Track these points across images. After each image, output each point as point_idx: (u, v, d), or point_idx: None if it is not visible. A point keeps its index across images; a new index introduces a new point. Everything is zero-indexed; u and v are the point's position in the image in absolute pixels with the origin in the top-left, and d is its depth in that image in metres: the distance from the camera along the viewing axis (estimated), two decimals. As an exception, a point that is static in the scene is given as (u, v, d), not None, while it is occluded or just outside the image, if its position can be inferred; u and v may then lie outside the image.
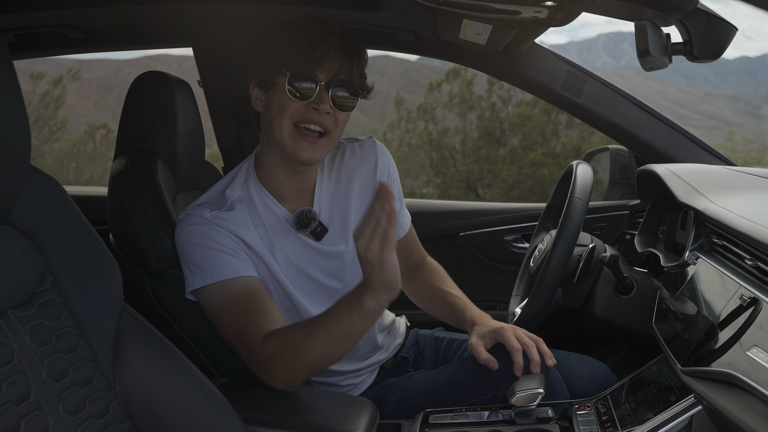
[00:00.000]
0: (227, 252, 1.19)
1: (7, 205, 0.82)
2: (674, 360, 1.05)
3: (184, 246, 1.21)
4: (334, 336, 1.06)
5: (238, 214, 1.23)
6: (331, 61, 1.20)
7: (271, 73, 1.21)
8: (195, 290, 1.20)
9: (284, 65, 1.19)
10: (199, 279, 1.18)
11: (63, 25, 1.68)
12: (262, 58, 1.23)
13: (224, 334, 1.19)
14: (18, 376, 0.77)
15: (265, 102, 1.25)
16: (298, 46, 1.19)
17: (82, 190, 2.60)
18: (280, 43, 1.20)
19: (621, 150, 1.99)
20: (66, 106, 11.60)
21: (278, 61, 1.20)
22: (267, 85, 1.23)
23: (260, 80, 1.24)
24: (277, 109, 1.21)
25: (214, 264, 1.17)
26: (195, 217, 1.21)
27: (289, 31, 1.21)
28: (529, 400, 1.13)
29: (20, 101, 0.78)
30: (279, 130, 1.21)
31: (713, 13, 1.12)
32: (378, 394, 1.37)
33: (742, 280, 0.97)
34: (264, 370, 1.12)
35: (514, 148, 9.70)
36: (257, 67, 1.24)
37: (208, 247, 1.18)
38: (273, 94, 1.22)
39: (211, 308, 1.19)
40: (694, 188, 1.24)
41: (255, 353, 1.12)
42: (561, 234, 1.29)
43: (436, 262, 1.56)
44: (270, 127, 1.23)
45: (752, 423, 0.78)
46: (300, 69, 1.19)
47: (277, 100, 1.21)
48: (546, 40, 10.76)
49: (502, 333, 1.28)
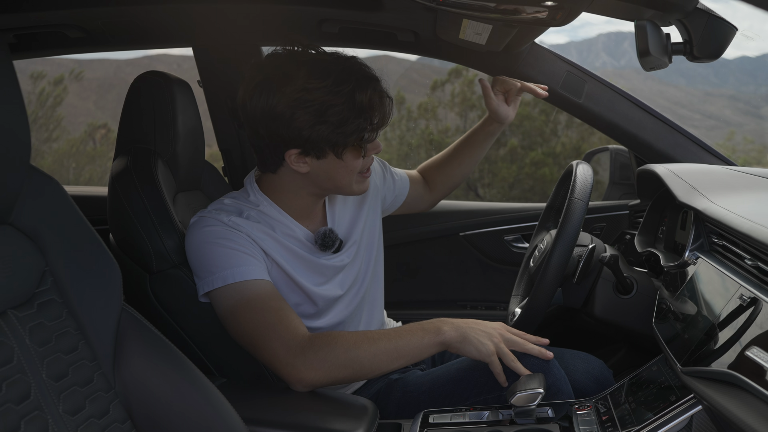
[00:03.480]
0: (247, 253, 1.18)
1: (7, 205, 0.82)
2: (674, 360, 1.05)
3: (201, 246, 1.19)
4: (397, 349, 1.14)
5: (254, 223, 1.23)
6: (388, 111, 1.21)
7: (335, 147, 1.17)
8: (212, 290, 1.18)
9: (356, 140, 1.18)
10: (218, 278, 1.16)
11: (63, 25, 1.69)
12: (318, 137, 1.15)
13: (241, 329, 1.16)
14: (18, 376, 0.77)
15: (316, 165, 1.21)
16: (361, 115, 1.15)
17: (82, 190, 2.60)
18: (338, 121, 1.15)
19: (621, 150, 1.99)
20: (66, 105, 11.59)
21: (346, 140, 1.17)
22: (322, 155, 1.19)
23: (310, 151, 1.18)
24: (344, 172, 1.21)
25: (236, 264, 1.16)
26: (211, 219, 1.20)
27: (339, 104, 1.14)
28: (529, 400, 1.13)
29: (20, 101, 0.78)
30: (346, 182, 1.23)
31: (713, 13, 1.12)
32: (381, 390, 1.37)
33: (742, 280, 0.97)
34: (298, 363, 1.11)
35: (514, 148, 9.69)
36: (309, 144, 1.17)
37: (228, 247, 1.17)
38: (336, 160, 1.19)
39: (229, 308, 1.16)
40: (694, 188, 1.24)
41: (292, 348, 1.12)
42: (561, 234, 1.29)
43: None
44: (333, 184, 1.23)
45: (752, 423, 0.78)
46: (371, 134, 1.20)
47: (345, 164, 1.20)
48: (546, 40, 10.74)
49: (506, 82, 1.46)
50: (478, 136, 1.56)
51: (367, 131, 1.18)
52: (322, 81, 1.13)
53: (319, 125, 1.14)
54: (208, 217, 1.21)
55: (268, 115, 1.16)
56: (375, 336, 1.15)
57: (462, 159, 1.60)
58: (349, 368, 1.13)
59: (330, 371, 1.12)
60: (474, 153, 1.58)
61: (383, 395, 1.36)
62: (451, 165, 1.61)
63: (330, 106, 1.13)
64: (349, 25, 1.72)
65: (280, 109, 1.14)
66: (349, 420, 1.07)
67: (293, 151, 1.18)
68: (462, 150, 1.59)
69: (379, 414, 1.15)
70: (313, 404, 1.13)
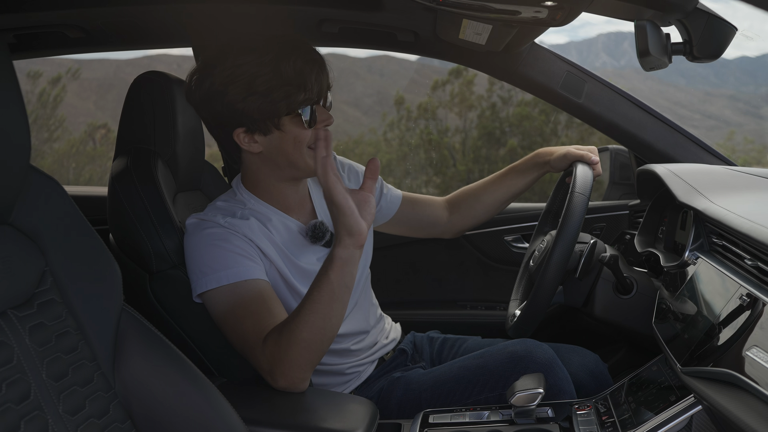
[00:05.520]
0: (242, 254, 1.19)
1: (7, 205, 0.82)
2: (674, 360, 1.05)
3: (197, 248, 1.20)
4: (319, 302, 1.09)
5: (252, 223, 1.24)
6: (317, 77, 1.21)
7: (270, 118, 1.20)
8: (205, 292, 1.19)
9: (287, 108, 1.19)
10: (212, 280, 1.17)
11: (63, 25, 1.69)
12: (251, 109, 1.19)
13: (231, 336, 1.18)
14: (18, 376, 0.77)
15: (266, 143, 1.24)
16: (289, 82, 1.18)
17: (82, 190, 2.60)
18: (265, 90, 1.18)
19: (621, 150, 1.99)
20: (66, 105, 11.59)
21: (277, 107, 1.19)
22: (265, 129, 1.22)
23: (253, 127, 1.21)
24: (291, 144, 1.23)
25: (228, 265, 1.17)
26: (209, 222, 1.22)
27: (265, 73, 1.17)
28: (528, 400, 1.13)
29: (20, 101, 0.78)
30: (300, 159, 1.24)
31: (713, 13, 1.12)
32: (383, 389, 1.37)
33: (742, 280, 0.97)
34: (268, 370, 1.12)
35: (514, 148, 9.69)
36: (247, 119, 1.20)
37: (223, 248, 1.18)
38: (279, 133, 1.22)
39: (220, 310, 1.18)
40: (694, 188, 1.24)
41: (258, 355, 1.12)
42: (563, 228, 1.28)
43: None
44: (286, 160, 1.24)
45: (752, 423, 0.78)
46: (305, 103, 1.21)
47: (288, 137, 1.22)
48: (546, 40, 10.76)
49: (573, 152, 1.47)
50: (525, 165, 1.57)
51: (301, 98, 1.19)
52: (248, 55, 1.18)
53: (250, 96, 1.18)
54: (206, 220, 1.23)
55: (206, 97, 1.21)
56: (297, 309, 1.11)
57: (497, 187, 1.59)
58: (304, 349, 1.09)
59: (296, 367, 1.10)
60: (512, 182, 1.58)
61: (385, 393, 1.36)
62: (485, 190, 1.60)
63: (256, 77, 1.17)
64: (349, 25, 1.72)
65: (215, 88, 1.19)
66: (349, 420, 1.07)
67: (239, 130, 1.22)
68: (501, 178, 1.60)
69: (379, 413, 1.15)
70: (313, 404, 1.13)
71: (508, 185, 1.58)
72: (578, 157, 1.45)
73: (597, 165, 1.44)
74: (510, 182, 1.58)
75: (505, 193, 1.59)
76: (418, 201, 1.59)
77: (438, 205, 1.62)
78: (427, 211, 1.59)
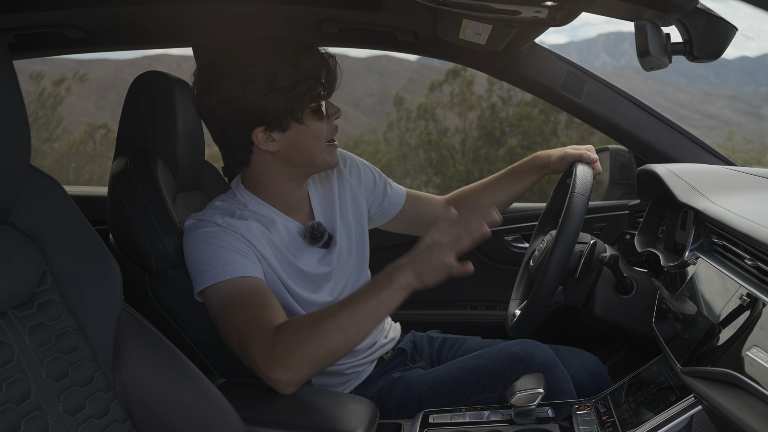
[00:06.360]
0: (238, 252, 1.19)
1: (7, 205, 0.82)
2: (674, 360, 1.05)
3: (194, 246, 1.21)
4: (357, 312, 1.08)
5: (250, 224, 1.24)
6: (332, 71, 1.24)
7: (293, 112, 1.21)
8: (204, 289, 1.19)
9: (310, 101, 1.22)
10: (210, 277, 1.17)
11: (63, 25, 1.69)
12: (275, 105, 1.19)
13: (229, 328, 1.15)
14: (18, 376, 0.77)
15: (284, 140, 1.24)
16: (310, 75, 1.20)
17: (82, 190, 2.60)
18: (287, 85, 1.19)
19: (621, 150, 1.99)
20: (66, 105, 11.60)
21: (301, 102, 1.20)
22: (285, 125, 1.22)
23: (274, 123, 1.22)
24: (310, 139, 1.24)
25: (225, 262, 1.17)
26: (206, 222, 1.22)
27: (286, 68, 1.19)
28: (529, 400, 1.13)
29: (20, 101, 0.78)
30: (318, 153, 1.26)
31: (713, 13, 1.12)
32: (383, 389, 1.37)
33: (742, 280, 0.97)
34: (267, 358, 1.08)
35: (513, 148, 9.70)
36: (271, 116, 1.20)
37: (220, 246, 1.19)
38: (298, 129, 1.23)
39: (218, 306, 1.17)
40: (694, 188, 1.24)
41: (261, 342, 1.09)
42: (563, 228, 1.28)
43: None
44: (304, 156, 1.26)
45: (752, 423, 0.78)
46: (325, 96, 1.24)
47: (308, 131, 1.24)
48: (546, 40, 10.76)
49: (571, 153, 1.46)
50: (523, 167, 1.56)
51: (321, 91, 1.23)
52: (262, 53, 1.19)
53: (272, 93, 1.18)
54: (204, 220, 1.23)
55: (223, 99, 1.20)
56: (334, 310, 1.10)
57: (495, 189, 1.59)
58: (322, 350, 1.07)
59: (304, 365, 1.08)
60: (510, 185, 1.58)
61: (385, 394, 1.36)
62: (483, 191, 1.60)
63: (277, 73, 1.18)
64: (349, 25, 1.72)
65: (232, 90, 1.19)
66: (349, 420, 1.07)
67: (258, 129, 1.22)
68: (500, 180, 1.59)
69: (379, 413, 1.15)
70: (313, 404, 1.13)
71: (507, 188, 1.58)
72: (577, 157, 1.45)
73: (596, 163, 1.43)
74: (509, 185, 1.58)
75: (504, 195, 1.58)
76: (420, 198, 1.60)
77: (438, 204, 1.62)
78: (429, 210, 1.59)
